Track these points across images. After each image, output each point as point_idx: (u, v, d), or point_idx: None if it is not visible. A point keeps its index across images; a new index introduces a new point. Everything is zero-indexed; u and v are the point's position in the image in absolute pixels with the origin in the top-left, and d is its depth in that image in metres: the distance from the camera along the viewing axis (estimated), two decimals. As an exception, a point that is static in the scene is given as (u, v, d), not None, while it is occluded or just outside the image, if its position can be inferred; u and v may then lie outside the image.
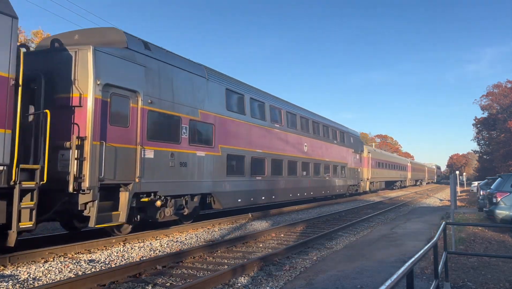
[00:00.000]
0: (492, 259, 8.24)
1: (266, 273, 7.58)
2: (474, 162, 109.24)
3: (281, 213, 18.79)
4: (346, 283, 6.68)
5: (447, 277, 6.16)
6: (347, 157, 28.66)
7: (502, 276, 7.09)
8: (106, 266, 8.01)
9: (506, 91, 65.84)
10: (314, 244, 10.72)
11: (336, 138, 26.90)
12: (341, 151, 27.48)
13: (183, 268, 7.98)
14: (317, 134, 23.69)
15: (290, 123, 20.13)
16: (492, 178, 20.91)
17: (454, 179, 9.39)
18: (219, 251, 9.71)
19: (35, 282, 6.78)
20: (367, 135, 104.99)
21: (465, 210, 20.73)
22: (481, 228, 12.91)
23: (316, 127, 23.58)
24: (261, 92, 18.14)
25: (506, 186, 12.59)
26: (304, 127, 21.91)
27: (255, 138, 16.51)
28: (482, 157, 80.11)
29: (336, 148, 26.57)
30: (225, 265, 8.23)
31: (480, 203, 16.89)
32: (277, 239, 11.67)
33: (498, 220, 12.10)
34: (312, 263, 8.46)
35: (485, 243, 10.39)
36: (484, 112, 71.78)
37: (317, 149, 23.36)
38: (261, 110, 17.53)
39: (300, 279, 7.00)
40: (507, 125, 59.40)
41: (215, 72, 14.63)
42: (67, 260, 8.33)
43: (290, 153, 19.73)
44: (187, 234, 11.85)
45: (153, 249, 9.66)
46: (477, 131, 76.59)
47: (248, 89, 16.76)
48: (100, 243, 9.86)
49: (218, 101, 14.20)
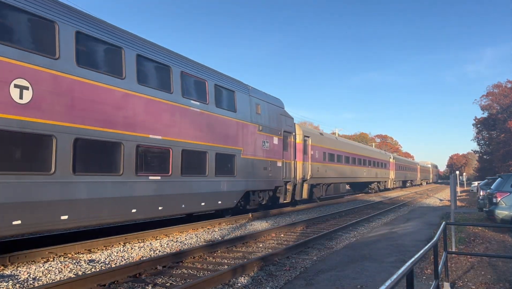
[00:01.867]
0: (492, 259, 8.24)
1: (266, 273, 7.58)
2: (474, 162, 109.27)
3: (281, 213, 18.79)
4: (346, 283, 6.68)
5: (447, 277, 6.15)
6: (243, 138, 15.61)
7: (502, 276, 7.09)
8: (106, 266, 8.01)
9: (506, 91, 65.90)
10: (314, 244, 10.72)
11: (208, 98, 13.88)
12: (224, 125, 14.52)
13: (183, 268, 7.98)
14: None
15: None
16: (492, 178, 20.91)
17: (454, 179, 9.38)
18: (219, 251, 9.71)
19: (35, 282, 6.78)
20: (367, 135, 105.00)
21: (465, 210, 20.73)
22: (481, 228, 12.91)
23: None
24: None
25: (506, 186, 12.59)
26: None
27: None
28: (482, 157, 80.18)
29: (212, 120, 13.92)
30: (225, 265, 8.23)
31: (480, 203, 16.88)
32: (277, 239, 11.66)
33: (498, 220, 12.10)
34: (312, 263, 8.45)
35: (485, 243, 10.38)
36: (484, 112, 71.95)
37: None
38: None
39: (300, 279, 7.00)
40: (507, 125, 59.44)
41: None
42: (67, 260, 8.33)
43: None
44: (187, 234, 11.85)
45: (153, 249, 9.66)
46: (477, 131, 76.72)
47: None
48: (100, 243, 9.85)
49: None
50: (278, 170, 18.43)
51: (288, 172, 19.48)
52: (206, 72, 14.06)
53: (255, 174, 16.43)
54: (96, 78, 9.76)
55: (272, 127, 18.11)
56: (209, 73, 14.23)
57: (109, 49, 10.36)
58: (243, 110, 15.92)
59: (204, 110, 13.51)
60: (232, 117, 15.12)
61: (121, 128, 10.28)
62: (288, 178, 19.52)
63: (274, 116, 18.48)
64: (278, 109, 19.19)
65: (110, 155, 10.04)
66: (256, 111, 16.84)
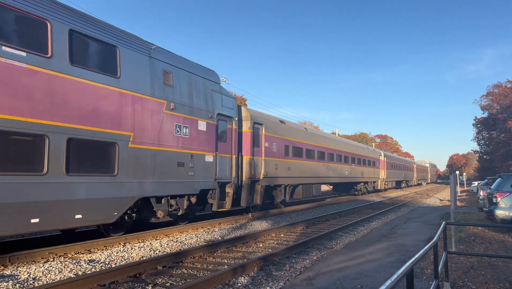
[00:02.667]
0: (492, 259, 8.24)
1: (266, 273, 7.58)
2: (474, 162, 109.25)
3: (281, 213, 18.79)
4: (346, 283, 6.68)
5: (447, 277, 6.15)
6: (134, 119, 10.90)
7: (502, 276, 7.09)
8: (106, 266, 8.01)
9: (506, 91, 65.90)
10: (314, 244, 10.72)
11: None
12: (89, 96, 9.63)
13: (183, 268, 7.98)
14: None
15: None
16: (492, 178, 20.93)
17: (454, 179, 9.38)
18: (219, 251, 9.71)
19: (35, 282, 6.78)
20: (367, 135, 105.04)
21: (465, 210, 20.74)
22: (481, 228, 12.92)
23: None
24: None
25: (506, 186, 12.60)
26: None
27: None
28: (482, 157, 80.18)
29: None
30: (225, 265, 8.23)
31: (480, 203, 16.89)
32: (277, 239, 11.66)
33: (498, 220, 12.10)
34: (312, 263, 8.45)
35: (485, 243, 10.39)
36: (484, 112, 71.93)
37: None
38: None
39: (300, 279, 7.00)
40: (507, 125, 59.47)
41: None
42: (67, 260, 8.34)
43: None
44: (187, 234, 11.85)
45: (153, 249, 9.66)
46: (477, 131, 76.68)
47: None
48: (100, 243, 9.86)
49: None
50: (208, 167, 13.27)
51: (226, 170, 14.49)
52: (50, 7, 8.98)
53: (162, 172, 11.46)
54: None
55: (195, 107, 12.84)
56: (58, 10, 9.12)
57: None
58: (135, 77, 10.86)
59: (42, 67, 8.54)
60: (110, 85, 10.07)
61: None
62: (227, 178, 14.50)
63: (200, 92, 13.21)
64: (209, 83, 13.70)
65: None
66: (163, 80, 11.74)
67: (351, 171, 31.03)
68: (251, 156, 16.49)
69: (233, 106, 15.33)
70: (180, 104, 12.29)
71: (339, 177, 28.27)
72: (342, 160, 29.01)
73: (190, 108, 12.66)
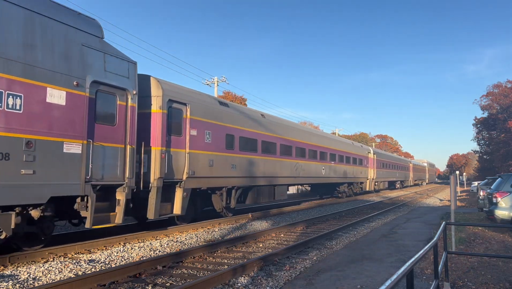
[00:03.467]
0: (492, 259, 8.24)
1: (266, 273, 7.58)
2: (474, 162, 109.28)
3: (281, 213, 18.79)
4: (346, 283, 6.68)
5: (447, 277, 6.15)
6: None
7: (502, 276, 7.09)
8: (106, 266, 8.01)
9: (506, 91, 65.92)
10: (314, 244, 10.72)
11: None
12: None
13: (183, 268, 7.98)
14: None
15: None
16: (492, 178, 20.93)
17: (454, 179, 9.38)
18: (219, 251, 9.71)
19: (35, 282, 6.78)
20: (367, 135, 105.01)
21: (465, 210, 20.75)
22: (481, 228, 12.92)
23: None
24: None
25: (506, 186, 12.60)
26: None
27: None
28: (482, 157, 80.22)
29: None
30: (225, 265, 8.23)
31: (480, 203, 16.89)
32: (277, 239, 11.66)
33: (498, 220, 12.10)
34: (312, 263, 8.45)
35: (485, 243, 10.39)
36: (484, 112, 71.94)
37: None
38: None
39: (300, 279, 7.00)
40: (507, 125, 59.50)
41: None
42: (67, 260, 8.33)
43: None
44: (187, 234, 11.85)
45: (153, 249, 9.66)
46: (477, 131, 76.71)
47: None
48: (100, 243, 9.86)
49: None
50: (68, 161, 8.54)
51: (112, 166, 9.80)
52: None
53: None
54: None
55: (40, 67, 8.12)
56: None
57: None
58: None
59: None
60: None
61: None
62: (114, 178, 9.82)
63: (54, 45, 8.46)
64: (78, 34, 9.04)
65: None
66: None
67: (329, 170, 25.90)
68: (165, 148, 11.69)
69: (129, 74, 10.41)
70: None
71: (313, 177, 23.27)
72: (318, 157, 23.93)
73: (26, 66, 7.85)
